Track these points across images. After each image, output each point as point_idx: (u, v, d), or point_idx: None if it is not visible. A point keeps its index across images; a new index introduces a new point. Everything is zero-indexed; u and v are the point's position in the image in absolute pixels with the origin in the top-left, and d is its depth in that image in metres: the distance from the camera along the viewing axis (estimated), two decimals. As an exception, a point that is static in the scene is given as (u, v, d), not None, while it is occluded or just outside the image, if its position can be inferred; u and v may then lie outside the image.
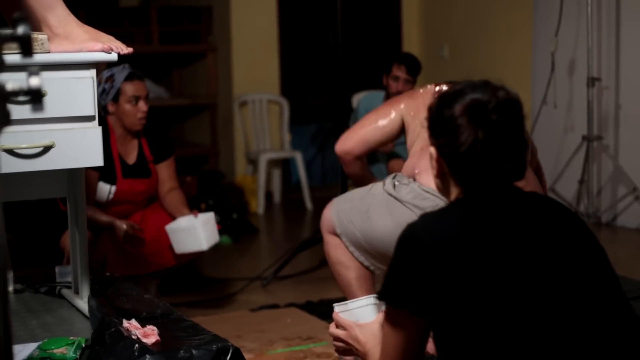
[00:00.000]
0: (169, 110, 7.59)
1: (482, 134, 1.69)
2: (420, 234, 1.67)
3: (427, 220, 1.71)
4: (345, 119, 4.91)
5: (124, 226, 3.86)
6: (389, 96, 5.16)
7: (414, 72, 5.11)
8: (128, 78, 3.96)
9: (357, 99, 6.12)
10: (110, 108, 3.97)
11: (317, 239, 4.83)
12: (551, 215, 1.73)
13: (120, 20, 7.44)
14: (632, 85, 5.56)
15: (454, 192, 1.77)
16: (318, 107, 7.44)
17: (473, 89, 1.74)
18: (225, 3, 7.01)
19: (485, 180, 1.72)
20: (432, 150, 1.77)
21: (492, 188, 1.73)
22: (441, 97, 1.77)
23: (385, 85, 5.17)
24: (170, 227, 3.97)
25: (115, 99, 3.95)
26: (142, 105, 3.97)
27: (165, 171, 4.13)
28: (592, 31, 5.51)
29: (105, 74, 4.00)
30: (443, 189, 1.80)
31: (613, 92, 5.66)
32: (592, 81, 5.47)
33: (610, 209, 5.62)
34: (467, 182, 1.74)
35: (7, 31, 1.33)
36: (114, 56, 2.68)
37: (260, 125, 6.95)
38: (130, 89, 3.96)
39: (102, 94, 3.94)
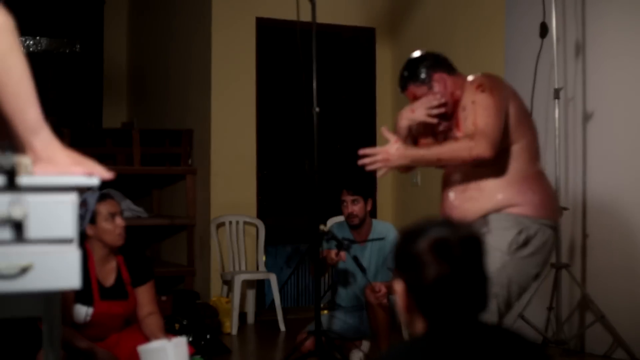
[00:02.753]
0: (147, 230, 7.68)
1: (447, 269, 1.79)
2: None
3: (393, 355, 1.79)
4: (321, 242, 5.03)
5: (105, 357, 3.91)
6: (348, 222, 5.36)
7: (357, 190, 5.32)
8: (100, 199, 4.08)
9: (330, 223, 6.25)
10: (89, 231, 4.06)
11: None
12: (515, 352, 1.80)
13: (103, 141, 7.62)
14: (598, 214, 5.73)
15: (420, 326, 1.84)
16: (294, 229, 7.57)
17: (436, 225, 1.84)
18: (206, 127, 7.19)
19: (451, 313, 1.80)
20: (399, 285, 1.85)
21: (457, 322, 1.80)
22: (405, 234, 1.87)
23: None
24: (142, 348, 4.02)
25: (92, 221, 4.05)
26: (119, 221, 4.08)
27: (144, 295, 4.18)
28: (560, 162, 5.70)
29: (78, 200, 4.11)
30: (410, 323, 1.87)
31: (580, 221, 5.82)
32: (560, 210, 5.62)
33: (577, 336, 5.70)
34: (432, 315, 1.81)
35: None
36: (95, 180, 2.74)
37: (236, 247, 7.05)
38: (104, 208, 4.07)
39: (78, 220, 4.04)
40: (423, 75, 3.76)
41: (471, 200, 3.68)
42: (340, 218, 5.70)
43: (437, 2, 7.28)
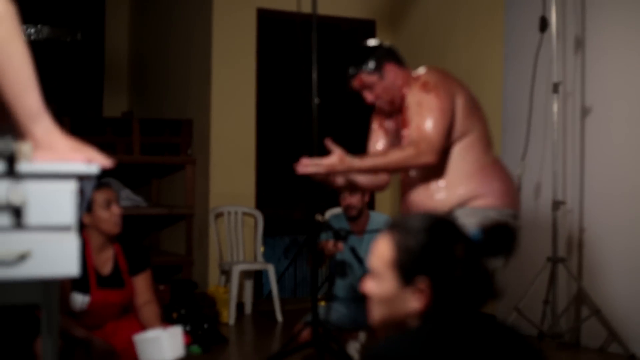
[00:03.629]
0: (146, 219, 7.70)
1: (474, 262, 1.91)
2: (384, 356, 1.79)
3: (392, 343, 1.82)
4: (318, 233, 5.05)
5: (101, 346, 3.93)
6: (346, 213, 5.37)
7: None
8: (97, 187, 4.09)
9: (329, 215, 6.27)
10: (86, 220, 4.07)
11: (285, 351, 4.90)
12: (510, 345, 1.85)
13: (103, 130, 7.63)
14: (596, 209, 5.75)
15: (413, 323, 1.90)
16: (292, 220, 7.59)
17: (443, 221, 1.95)
18: (206, 117, 7.21)
19: (465, 307, 1.89)
20: (423, 282, 1.89)
21: (462, 315, 1.87)
22: (434, 233, 1.93)
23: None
24: (137, 337, 4.03)
25: (89, 210, 4.06)
26: (115, 208, 4.09)
27: (141, 284, 4.19)
28: (558, 156, 5.72)
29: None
30: (392, 324, 1.96)
31: (577, 215, 5.84)
32: (557, 204, 5.65)
33: (573, 330, 5.73)
34: (450, 309, 1.89)
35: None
36: (95, 168, 2.75)
37: (234, 237, 7.07)
38: (101, 196, 4.08)
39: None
40: (375, 64, 3.76)
41: (434, 196, 3.72)
42: (339, 210, 5.71)
43: (438, -5, 7.28)
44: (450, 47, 7.06)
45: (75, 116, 7.76)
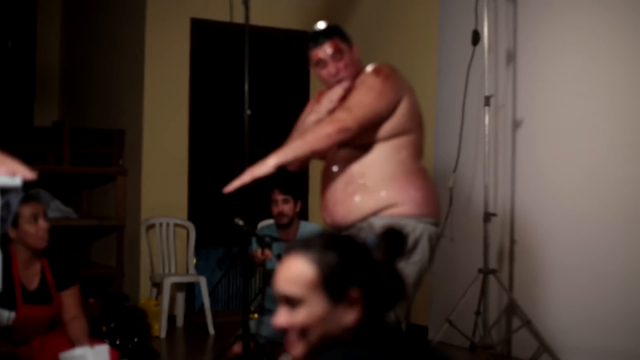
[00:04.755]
0: (76, 231, 7.58)
1: (392, 272, 1.93)
2: None
3: (341, 354, 1.81)
4: (247, 240, 5.02)
5: None
6: (277, 221, 5.35)
7: (289, 189, 5.34)
8: (23, 201, 4.00)
9: (261, 226, 6.24)
10: (12, 234, 3.99)
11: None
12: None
13: (34, 140, 7.49)
14: (526, 221, 5.81)
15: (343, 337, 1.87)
16: (225, 232, 7.53)
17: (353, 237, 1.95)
18: (138, 127, 7.12)
19: (383, 316, 1.90)
20: (355, 293, 1.87)
21: (385, 326, 1.88)
22: (353, 247, 1.92)
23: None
24: (63, 355, 3.95)
25: (15, 224, 3.98)
26: (42, 223, 4.00)
27: (69, 299, 4.12)
28: (489, 168, 5.77)
29: (1, 202, 4.05)
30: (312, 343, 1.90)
31: (508, 227, 5.90)
32: (488, 216, 5.69)
33: (504, 341, 5.77)
34: (375, 320, 1.89)
35: None
36: (17, 181, 2.69)
37: (166, 249, 6.99)
38: (27, 210, 3.99)
39: (1, 223, 3.98)
40: (348, 37, 3.75)
41: (355, 195, 3.62)
42: (271, 221, 5.69)
43: (372, 8, 7.31)
44: (384, 59, 7.03)
45: (4, 125, 7.62)
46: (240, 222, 4.83)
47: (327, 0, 7.77)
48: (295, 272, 1.87)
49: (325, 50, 3.70)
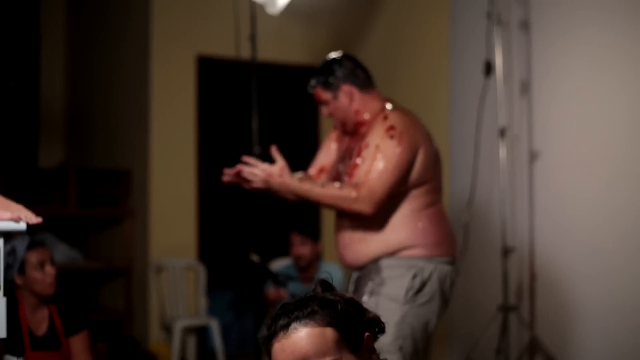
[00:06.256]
0: (83, 274, 7.46)
1: None
2: None
3: None
4: (261, 278, 4.94)
5: None
6: (296, 263, 5.32)
7: (306, 231, 5.35)
8: (30, 247, 3.92)
9: (276, 265, 6.10)
10: (18, 281, 3.90)
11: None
12: None
13: (38, 182, 7.39)
14: (546, 255, 5.66)
15: None
16: (238, 272, 7.39)
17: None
18: (145, 168, 7.02)
19: None
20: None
21: None
22: (350, 304, 1.95)
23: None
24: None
25: (21, 271, 3.89)
26: (49, 269, 3.92)
27: (78, 345, 4.02)
28: (506, 201, 5.63)
29: (7, 249, 3.97)
30: None
31: (527, 262, 5.75)
32: (506, 251, 5.55)
33: (527, 379, 5.61)
34: None
35: None
36: (22, 225, 2.66)
37: (176, 291, 6.85)
38: (34, 256, 3.90)
39: (7, 269, 3.87)
40: (332, 82, 3.64)
41: (362, 241, 3.57)
42: (285, 259, 5.63)
43: (381, 41, 7.22)
44: (395, 92, 6.94)
45: (7, 168, 7.53)
46: (256, 258, 4.79)
47: (335, 33, 7.69)
48: (321, 341, 1.82)
49: (315, 97, 3.71)
